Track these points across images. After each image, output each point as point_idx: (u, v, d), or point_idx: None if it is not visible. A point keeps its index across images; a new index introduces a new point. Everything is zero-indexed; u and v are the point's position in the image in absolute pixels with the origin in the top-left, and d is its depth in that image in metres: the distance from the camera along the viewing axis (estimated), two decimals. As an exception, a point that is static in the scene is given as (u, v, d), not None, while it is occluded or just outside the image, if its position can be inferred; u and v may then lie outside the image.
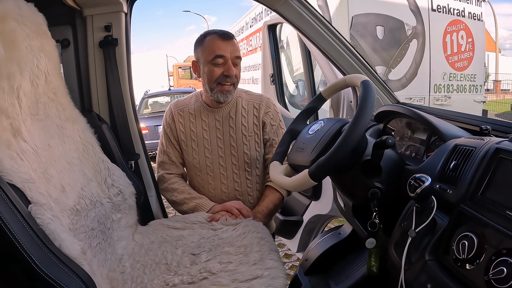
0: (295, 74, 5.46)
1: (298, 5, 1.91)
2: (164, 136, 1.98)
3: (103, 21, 1.90)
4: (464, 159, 1.04)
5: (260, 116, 1.93)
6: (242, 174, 1.93)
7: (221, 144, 1.91)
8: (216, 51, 1.78)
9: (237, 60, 1.82)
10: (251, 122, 1.93)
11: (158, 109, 9.62)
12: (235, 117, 1.92)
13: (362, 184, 1.24)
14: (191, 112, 1.94)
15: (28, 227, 1.04)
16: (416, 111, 1.45)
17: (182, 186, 1.91)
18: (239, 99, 1.94)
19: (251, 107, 1.94)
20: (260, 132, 1.94)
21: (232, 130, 1.91)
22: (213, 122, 1.92)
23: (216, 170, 1.92)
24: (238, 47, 1.85)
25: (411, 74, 5.94)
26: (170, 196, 1.92)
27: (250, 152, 1.92)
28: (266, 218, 1.86)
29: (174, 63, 22.18)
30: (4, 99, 1.20)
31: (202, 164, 1.92)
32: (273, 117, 1.96)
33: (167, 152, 1.96)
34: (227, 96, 1.83)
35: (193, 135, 1.92)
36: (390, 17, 5.69)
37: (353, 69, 1.96)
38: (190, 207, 1.85)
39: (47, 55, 1.50)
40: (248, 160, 1.92)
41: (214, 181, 1.92)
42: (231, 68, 1.79)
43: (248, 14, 9.57)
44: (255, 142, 1.93)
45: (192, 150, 1.93)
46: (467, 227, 0.91)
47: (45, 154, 1.36)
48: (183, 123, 1.94)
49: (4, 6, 1.28)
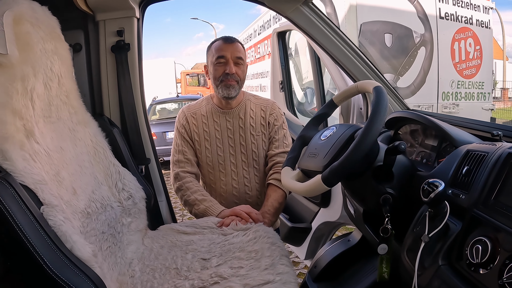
0: (303, 82, 5.47)
1: (309, 12, 1.92)
2: (178, 137, 2.07)
3: (116, 26, 1.92)
4: (477, 165, 1.04)
5: (266, 117, 2.08)
6: (251, 170, 2.06)
7: (231, 143, 2.05)
8: (219, 52, 1.94)
9: (239, 60, 1.96)
10: (259, 122, 2.07)
11: (166, 116, 9.67)
12: (244, 118, 2.06)
13: (374, 190, 1.24)
14: (203, 114, 2.06)
15: (40, 228, 1.05)
16: (427, 117, 1.45)
17: (196, 186, 1.97)
18: (248, 102, 2.09)
19: (258, 109, 2.09)
20: (267, 131, 2.08)
21: (242, 129, 2.05)
22: (224, 123, 2.05)
23: (227, 167, 2.05)
24: (241, 49, 1.98)
25: (420, 82, 5.93)
26: (183, 194, 1.96)
27: (258, 150, 2.06)
28: (273, 217, 1.92)
29: (182, 70, 22.28)
30: (18, 101, 1.21)
31: (215, 161, 2.05)
32: (277, 118, 2.10)
33: (182, 151, 2.04)
34: (230, 90, 1.95)
35: (206, 135, 2.04)
36: (398, 25, 5.70)
37: (364, 75, 1.96)
38: (200, 210, 1.89)
39: (61, 58, 1.52)
40: (256, 158, 2.06)
41: (225, 177, 2.05)
42: (231, 66, 1.93)
43: (256, 22, 9.63)
44: (262, 141, 2.07)
45: (206, 149, 2.05)
46: (480, 231, 0.90)
47: (57, 157, 1.36)
48: (196, 124, 2.05)
49: (20, 9, 1.29)
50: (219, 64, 1.94)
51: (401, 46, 5.76)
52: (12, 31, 1.19)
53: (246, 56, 2.05)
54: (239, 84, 1.98)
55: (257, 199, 2.07)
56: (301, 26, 1.96)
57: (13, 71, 1.20)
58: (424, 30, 5.85)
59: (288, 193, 2.02)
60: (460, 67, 6.28)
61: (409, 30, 5.76)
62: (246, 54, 2.06)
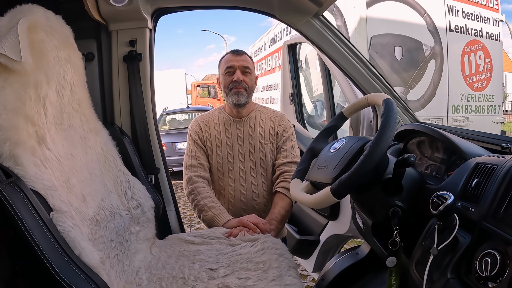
0: (313, 94, 5.47)
1: (319, 25, 1.94)
2: (192, 143, 2.14)
3: (128, 36, 1.95)
4: (486, 177, 1.03)
5: (275, 127, 2.17)
6: (259, 177, 2.13)
7: (241, 150, 2.13)
8: (227, 63, 2.07)
9: (246, 69, 2.07)
10: (268, 132, 2.15)
11: (176, 126, 9.73)
12: (254, 126, 2.15)
13: (383, 203, 1.23)
14: (216, 122, 2.16)
15: (49, 234, 1.06)
16: (437, 130, 1.44)
17: (206, 192, 2.02)
18: (258, 112, 2.19)
19: (268, 120, 2.18)
20: (275, 141, 2.16)
21: (251, 137, 2.14)
22: (235, 131, 2.14)
23: (236, 173, 2.12)
24: (248, 60, 2.10)
25: (429, 95, 5.90)
26: (194, 199, 2.00)
27: (266, 158, 2.14)
28: (280, 224, 1.96)
29: (192, 82, 22.46)
30: (31, 107, 1.23)
31: (225, 167, 2.12)
32: (286, 129, 2.18)
33: (196, 156, 2.10)
34: (239, 97, 2.04)
35: (217, 142, 2.13)
36: (408, 38, 5.69)
37: (373, 88, 1.96)
38: (208, 217, 1.92)
39: (73, 66, 1.55)
40: (264, 165, 2.14)
41: (234, 183, 2.12)
42: (238, 75, 2.04)
43: (267, 34, 9.68)
44: (270, 150, 2.15)
45: (217, 155, 2.12)
46: (489, 244, 0.89)
47: (67, 163, 1.38)
48: (209, 132, 2.14)
49: (34, 17, 1.33)
50: (228, 73, 2.06)
51: (411, 59, 5.75)
52: (26, 38, 1.21)
53: (253, 67, 2.15)
54: (247, 92, 2.07)
55: (264, 206, 2.11)
56: (311, 39, 1.97)
57: (26, 78, 1.22)
58: (434, 43, 5.85)
59: (294, 202, 2.05)
60: (470, 80, 6.25)
61: (419, 43, 5.75)
62: (254, 66, 2.16)
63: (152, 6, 2.00)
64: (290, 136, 2.17)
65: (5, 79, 1.17)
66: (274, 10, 1.98)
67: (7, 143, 1.12)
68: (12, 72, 1.17)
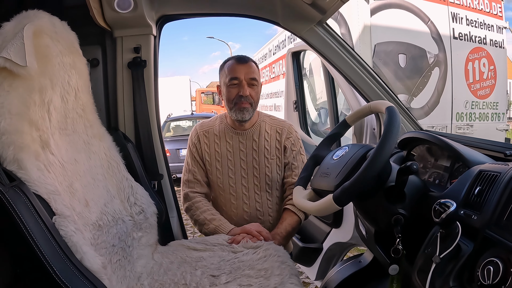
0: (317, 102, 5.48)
1: (323, 32, 1.95)
2: (189, 156, 2.05)
3: (133, 42, 1.96)
4: (489, 185, 1.03)
5: (282, 141, 2.02)
6: (263, 194, 2.00)
7: (244, 165, 1.99)
8: (232, 73, 1.90)
9: (253, 81, 1.92)
10: (274, 146, 2.01)
11: (180, 133, 9.78)
12: (258, 140, 2.00)
13: (386, 210, 1.23)
14: (216, 133, 2.02)
15: (51, 238, 1.06)
16: (440, 138, 1.44)
17: (205, 206, 1.95)
18: (263, 123, 2.03)
19: (274, 131, 2.03)
20: (282, 155, 2.01)
21: (255, 152, 1.99)
22: (237, 144, 2.00)
23: (238, 190, 1.99)
24: (255, 69, 1.94)
25: (433, 102, 5.90)
26: (192, 214, 1.95)
27: (272, 174, 1.99)
28: (284, 240, 1.88)
29: (197, 88, 22.56)
30: (35, 112, 1.24)
31: (226, 184, 1.99)
32: (294, 143, 2.03)
33: (192, 171, 2.02)
34: (243, 113, 1.91)
35: (217, 156, 2.00)
36: (412, 45, 5.70)
37: (377, 96, 1.96)
38: (210, 229, 1.88)
39: (78, 72, 1.56)
40: (269, 182, 1.99)
41: (236, 200, 1.99)
42: (245, 89, 1.89)
43: (271, 42, 9.73)
44: (276, 165, 2.00)
45: (216, 170, 2.00)
46: (492, 252, 0.89)
47: (71, 168, 1.39)
48: (208, 144, 2.02)
49: (40, 22, 1.34)
50: (233, 86, 1.91)
51: (415, 67, 5.75)
52: (31, 43, 1.23)
53: (260, 76, 2.01)
54: (252, 107, 1.94)
55: (270, 224, 2.00)
56: (315, 46, 1.98)
57: (31, 82, 1.24)
58: (438, 50, 5.85)
59: (303, 220, 1.97)
60: (474, 87, 6.24)
61: (423, 50, 5.76)
62: (260, 74, 2.02)
63: (157, 13, 2.02)
64: (300, 150, 2.05)
65: (10, 83, 1.18)
66: (278, 17, 1.99)
67: (11, 147, 1.13)
68: (17, 77, 1.19)
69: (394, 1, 5.58)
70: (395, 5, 5.59)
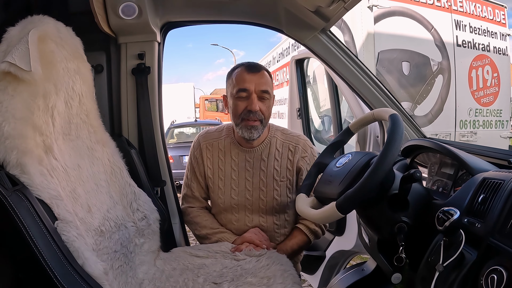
0: (321, 109, 5.48)
1: (327, 40, 1.95)
2: (189, 169, 1.93)
3: (137, 49, 1.97)
4: (493, 193, 1.02)
5: (295, 161, 1.82)
6: (269, 219, 1.83)
7: (249, 186, 1.82)
8: (240, 84, 1.71)
9: (264, 94, 1.71)
10: (284, 166, 1.82)
11: (184, 140, 9.80)
12: (267, 160, 1.81)
13: (389, 218, 1.22)
14: (221, 148, 1.86)
15: (53, 243, 1.06)
16: (443, 145, 1.43)
17: (204, 220, 1.88)
18: (273, 139, 1.84)
19: (285, 149, 1.83)
20: (293, 177, 1.83)
21: (263, 173, 1.81)
22: (243, 163, 1.83)
23: (241, 212, 1.83)
24: (267, 80, 1.74)
25: (437, 110, 5.89)
26: (193, 229, 1.93)
27: (281, 198, 1.81)
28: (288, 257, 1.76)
29: (201, 95, 22.63)
30: (39, 117, 1.25)
31: (227, 204, 1.84)
32: (310, 163, 1.81)
33: (190, 186, 1.93)
34: (251, 132, 1.72)
35: (220, 174, 1.84)
36: (415, 53, 5.70)
37: (380, 103, 1.96)
38: (212, 242, 1.84)
39: (82, 78, 1.56)
40: (277, 206, 1.81)
41: (238, 222, 1.85)
42: (254, 103, 1.69)
43: (275, 49, 9.75)
44: (286, 188, 1.82)
45: (218, 190, 1.85)
46: (496, 260, 0.88)
47: (74, 174, 1.39)
48: (211, 159, 1.86)
49: (45, 28, 1.35)
50: (241, 98, 1.71)
51: (419, 74, 5.75)
52: (36, 49, 1.24)
53: (272, 86, 1.79)
54: (262, 124, 1.73)
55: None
56: (319, 54, 1.99)
57: (35, 87, 1.24)
58: (441, 58, 5.85)
59: (312, 241, 1.87)
60: (478, 94, 6.25)
61: (426, 58, 5.76)
62: (272, 84, 1.81)
63: (161, 20, 2.03)
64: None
65: (14, 88, 1.19)
66: (282, 25, 2.00)
67: (15, 151, 1.13)
68: (21, 82, 1.19)
69: (397, 9, 5.58)
70: (399, 13, 5.60)
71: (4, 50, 1.21)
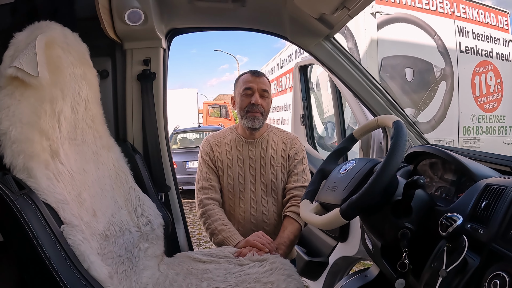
0: (324, 116, 5.48)
1: (330, 47, 1.97)
2: (203, 164, 2.13)
3: (142, 55, 1.99)
4: (496, 199, 1.03)
5: (287, 150, 2.14)
6: (269, 200, 2.11)
7: (252, 171, 2.11)
8: (246, 84, 2.05)
9: (264, 92, 2.06)
10: (279, 154, 2.13)
11: (188, 145, 9.78)
12: (266, 148, 2.13)
13: (392, 224, 1.23)
14: (227, 142, 2.15)
15: (59, 246, 1.08)
16: (446, 152, 1.44)
17: (217, 215, 2.00)
18: (271, 134, 2.17)
19: (280, 142, 2.15)
20: (286, 163, 2.14)
21: (263, 159, 2.12)
22: (247, 152, 2.12)
23: (247, 195, 2.10)
24: (266, 83, 2.08)
25: (440, 116, 5.88)
26: (205, 222, 2.00)
27: (277, 181, 2.11)
28: (288, 249, 1.95)
29: (204, 101, 22.63)
30: (46, 121, 1.26)
31: (236, 189, 2.10)
32: (297, 152, 2.16)
33: (207, 178, 2.09)
34: (254, 122, 2.04)
35: (229, 163, 2.11)
36: (419, 59, 5.71)
37: (384, 110, 1.97)
38: (219, 241, 1.92)
39: (88, 83, 1.58)
40: (275, 188, 2.11)
41: (244, 204, 2.10)
42: (257, 97, 2.03)
43: (279, 56, 9.77)
44: (281, 172, 2.12)
45: (228, 176, 2.10)
46: (498, 266, 0.89)
47: (79, 178, 1.40)
48: (220, 152, 2.13)
49: (52, 34, 1.37)
50: (246, 95, 2.04)
51: (422, 81, 5.75)
52: (43, 54, 1.25)
53: (271, 90, 2.14)
54: (263, 116, 2.07)
55: (274, 228, 2.09)
56: (323, 61, 2.00)
57: (42, 92, 1.26)
58: (444, 64, 5.85)
59: (303, 226, 2.05)
60: (481, 101, 6.24)
61: (429, 64, 5.76)
62: (271, 88, 2.15)
63: (167, 26, 2.05)
64: (302, 160, 2.15)
65: (21, 93, 1.20)
66: (286, 32, 2.02)
67: (21, 155, 1.14)
68: (28, 87, 1.21)
69: (400, 15, 5.60)
70: (402, 19, 5.61)
71: (12, 55, 1.22)
